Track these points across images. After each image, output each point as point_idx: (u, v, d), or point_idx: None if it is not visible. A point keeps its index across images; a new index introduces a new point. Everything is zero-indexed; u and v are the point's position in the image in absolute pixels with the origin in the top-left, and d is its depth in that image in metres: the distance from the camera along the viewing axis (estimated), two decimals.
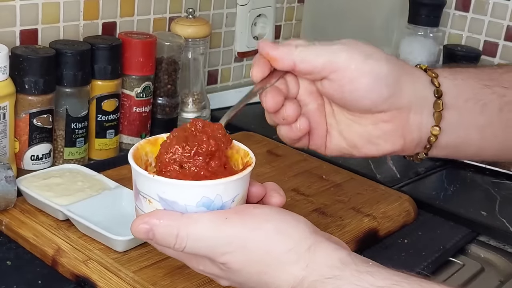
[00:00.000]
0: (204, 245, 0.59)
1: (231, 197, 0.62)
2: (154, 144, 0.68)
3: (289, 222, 0.60)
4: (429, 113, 0.69)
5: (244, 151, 0.68)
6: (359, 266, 0.57)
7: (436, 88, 0.69)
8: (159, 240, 0.60)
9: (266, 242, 0.59)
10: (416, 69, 0.71)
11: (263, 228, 0.59)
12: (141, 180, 0.62)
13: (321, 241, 0.60)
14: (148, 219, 0.60)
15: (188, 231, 0.59)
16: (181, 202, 0.60)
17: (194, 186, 0.60)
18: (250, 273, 0.60)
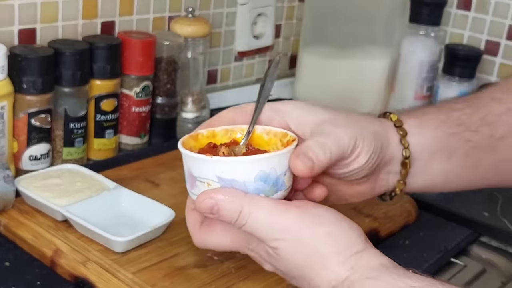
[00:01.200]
0: (262, 226, 0.62)
1: (284, 170, 0.65)
2: (195, 140, 0.72)
3: (343, 228, 0.63)
4: (397, 171, 0.73)
5: (282, 133, 0.70)
6: (399, 270, 0.60)
7: (405, 149, 0.71)
8: (222, 215, 0.63)
9: (318, 241, 0.62)
10: (387, 127, 0.72)
11: (318, 228, 0.62)
12: (197, 165, 0.66)
13: (369, 248, 0.62)
14: (214, 194, 0.63)
15: (250, 210, 0.62)
16: (240, 179, 0.64)
17: (250, 161, 0.64)
18: (296, 264, 0.62)
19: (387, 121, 0.72)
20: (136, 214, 0.84)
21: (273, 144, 0.70)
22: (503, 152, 0.74)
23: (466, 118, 0.73)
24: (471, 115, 0.73)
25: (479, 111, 0.73)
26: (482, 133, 0.73)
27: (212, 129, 0.72)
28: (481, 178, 0.77)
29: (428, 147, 0.72)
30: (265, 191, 0.65)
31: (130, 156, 1.08)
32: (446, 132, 0.72)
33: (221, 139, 0.72)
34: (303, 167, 0.63)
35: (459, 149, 0.73)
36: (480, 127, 0.73)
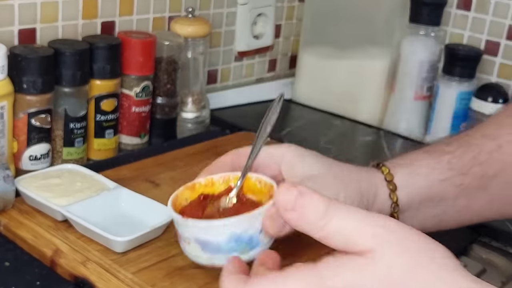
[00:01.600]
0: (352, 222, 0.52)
1: (258, 229, 0.68)
2: (192, 190, 0.76)
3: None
4: None
5: (270, 184, 0.73)
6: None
7: (393, 204, 0.72)
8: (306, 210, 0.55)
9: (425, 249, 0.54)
10: (377, 182, 0.72)
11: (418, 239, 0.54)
12: (177, 224, 0.71)
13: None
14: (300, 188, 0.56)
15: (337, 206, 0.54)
16: (213, 240, 0.68)
17: (222, 225, 0.67)
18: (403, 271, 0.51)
19: (377, 174, 0.72)
20: (136, 214, 0.84)
21: (263, 194, 0.73)
22: (495, 189, 0.74)
23: (457, 161, 0.73)
24: (462, 156, 0.73)
25: (470, 150, 0.73)
26: (474, 174, 0.73)
27: (210, 177, 0.76)
28: (476, 215, 0.76)
29: (418, 196, 0.72)
30: (238, 250, 0.68)
31: (130, 156, 1.08)
32: (437, 179, 0.72)
33: (219, 187, 0.76)
34: (273, 231, 0.64)
35: (449, 193, 0.73)
36: (472, 168, 0.73)
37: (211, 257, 0.69)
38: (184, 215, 0.71)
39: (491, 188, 0.74)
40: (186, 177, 0.99)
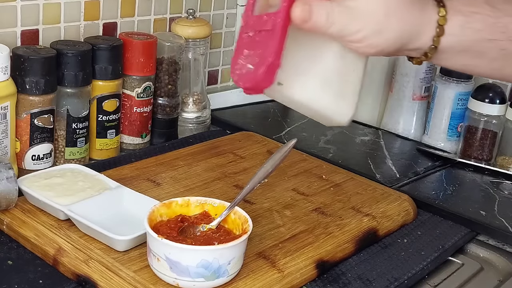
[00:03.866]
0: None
1: (228, 260, 0.72)
2: (169, 207, 0.80)
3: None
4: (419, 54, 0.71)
5: (244, 217, 0.78)
6: None
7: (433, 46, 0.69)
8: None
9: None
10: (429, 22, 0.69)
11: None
12: (151, 240, 0.73)
13: None
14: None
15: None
16: (183, 263, 0.71)
17: (194, 250, 0.71)
18: None
19: (433, 14, 0.68)
20: (137, 213, 0.85)
21: (236, 225, 0.78)
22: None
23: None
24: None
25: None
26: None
27: (187, 198, 0.81)
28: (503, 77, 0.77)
29: (460, 47, 0.70)
30: (206, 276, 0.72)
31: (131, 156, 1.09)
32: (486, 38, 0.70)
33: (193, 210, 0.81)
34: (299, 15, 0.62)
35: (490, 54, 0.71)
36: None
37: (177, 278, 0.73)
38: (159, 232, 0.74)
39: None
40: (187, 177, 1.01)
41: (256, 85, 0.63)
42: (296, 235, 0.87)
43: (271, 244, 0.84)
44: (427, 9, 0.68)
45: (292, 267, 0.80)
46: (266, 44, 0.62)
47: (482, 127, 1.23)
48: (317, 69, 0.67)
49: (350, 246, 0.88)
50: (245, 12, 0.67)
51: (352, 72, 0.69)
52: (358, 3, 0.64)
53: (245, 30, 0.66)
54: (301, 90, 0.67)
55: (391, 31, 0.66)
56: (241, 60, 0.65)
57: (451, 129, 1.30)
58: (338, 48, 0.67)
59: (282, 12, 0.61)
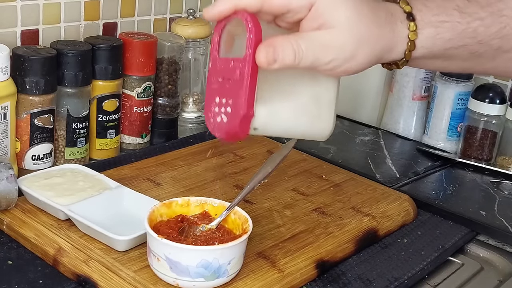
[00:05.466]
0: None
1: (228, 260, 0.72)
2: (168, 207, 0.80)
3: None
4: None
5: (245, 217, 0.78)
6: None
7: (404, 59, 0.70)
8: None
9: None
10: (400, 37, 0.69)
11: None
12: (151, 240, 0.73)
13: None
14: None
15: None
16: (183, 263, 0.71)
17: (194, 250, 0.71)
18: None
19: (402, 30, 0.69)
20: (137, 213, 0.84)
21: (237, 226, 0.78)
22: (503, 61, 0.73)
23: (483, 30, 0.71)
24: (489, 26, 0.71)
25: (498, 22, 0.71)
26: (491, 46, 0.72)
27: (187, 198, 0.81)
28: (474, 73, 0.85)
29: (431, 55, 0.71)
30: (206, 276, 0.72)
31: (131, 156, 1.09)
32: (456, 44, 0.71)
33: (194, 210, 0.81)
34: (264, 60, 0.62)
35: (461, 57, 0.72)
36: (492, 40, 0.71)
37: (177, 278, 0.73)
38: (159, 232, 0.74)
39: (499, 59, 0.73)
40: (187, 177, 1.01)
41: (233, 136, 0.64)
42: (296, 235, 0.87)
43: (271, 244, 0.84)
44: (397, 25, 0.69)
45: (292, 267, 0.80)
46: (236, 93, 0.63)
47: (482, 127, 1.23)
48: (290, 101, 0.68)
49: (350, 246, 0.88)
50: (212, 52, 0.67)
51: (326, 92, 0.71)
52: (328, 36, 0.64)
53: (214, 75, 0.66)
54: (277, 126, 0.68)
55: (363, 55, 0.66)
56: (214, 108, 0.66)
57: (451, 129, 1.30)
58: (309, 75, 0.68)
59: (248, 60, 0.62)
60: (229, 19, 0.66)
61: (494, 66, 0.74)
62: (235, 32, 0.67)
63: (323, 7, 0.64)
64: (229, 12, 0.65)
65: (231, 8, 0.65)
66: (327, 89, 0.70)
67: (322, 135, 0.72)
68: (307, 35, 0.64)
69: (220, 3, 0.65)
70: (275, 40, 0.62)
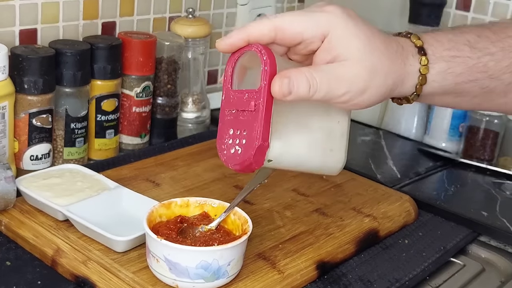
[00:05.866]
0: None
1: (228, 261, 0.72)
2: (168, 208, 0.79)
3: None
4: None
5: (244, 218, 0.77)
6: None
7: (415, 94, 0.71)
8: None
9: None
10: (411, 73, 0.70)
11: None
12: (150, 241, 0.73)
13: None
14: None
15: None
16: (182, 264, 0.71)
17: (194, 251, 0.71)
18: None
19: (414, 63, 0.69)
20: (136, 213, 0.84)
21: (237, 226, 0.78)
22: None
23: (493, 64, 0.71)
24: (500, 61, 0.72)
25: (509, 57, 0.72)
26: (502, 81, 0.72)
27: (187, 199, 0.80)
28: (484, 109, 0.84)
29: (441, 91, 0.71)
30: (205, 277, 0.71)
31: (130, 156, 1.09)
32: (467, 79, 0.71)
33: (193, 210, 0.80)
34: (279, 91, 0.62)
35: (472, 93, 0.72)
36: (503, 74, 0.72)
37: (176, 279, 0.72)
38: (159, 233, 0.74)
39: (511, 95, 0.73)
40: (186, 177, 1.00)
41: (247, 167, 0.65)
42: (296, 236, 0.87)
43: (271, 245, 0.84)
44: (408, 58, 0.69)
45: (293, 268, 0.80)
46: (251, 125, 0.63)
47: (483, 127, 1.22)
48: (304, 134, 0.69)
49: (351, 247, 0.87)
50: (224, 85, 0.68)
51: (338, 125, 0.72)
52: (341, 68, 0.65)
53: (227, 107, 0.67)
54: (291, 158, 0.69)
55: (375, 88, 0.67)
56: (227, 139, 0.66)
57: (452, 129, 1.29)
58: (321, 108, 0.69)
59: (263, 91, 0.62)
60: (242, 51, 0.66)
61: (505, 102, 0.74)
62: (247, 64, 0.68)
63: (336, 39, 0.65)
64: (242, 44, 0.66)
65: (244, 40, 0.65)
66: (340, 123, 0.72)
67: (334, 168, 0.73)
68: (320, 67, 0.65)
69: (233, 35, 0.66)
70: (290, 71, 0.63)
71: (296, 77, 0.62)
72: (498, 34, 0.72)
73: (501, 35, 0.72)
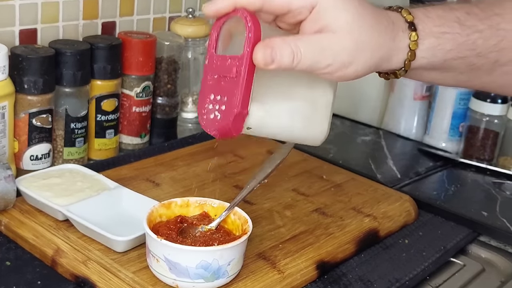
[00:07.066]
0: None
1: (228, 261, 0.72)
2: (168, 208, 0.79)
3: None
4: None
5: (244, 218, 0.77)
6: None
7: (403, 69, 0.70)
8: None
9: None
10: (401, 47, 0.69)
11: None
12: (150, 241, 0.73)
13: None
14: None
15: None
16: (182, 264, 0.71)
17: (194, 251, 0.71)
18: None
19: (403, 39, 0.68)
20: (136, 213, 0.84)
21: (237, 226, 0.78)
22: (500, 74, 0.73)
23: (482, 42, 0.71)
24: (488, 39, 0.72)
25: (496, 35, 0.72)
26: (488, 59, 0.72)
27: (187, 199, 0.80)
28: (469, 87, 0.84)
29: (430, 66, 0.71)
30: (205, 277, 0.71)
31: (130, 156, 1.08)
32: (456, 56, 0.71)
33: (193, 210, 0.80)
34: (261, 60, 0.61)
35: (458, 69, 0.72)
36: (490, 53, 0.72)
37: (176, 279, 0.72)
38: (159, 233, 0.74)
39: (496, 73, 0.73)
40: (186, 177, 1.00)
41: (225, 134, 0.64)
42: (296, 236, 0.87)
43: (271, 245, 0.84)
44: (398, 34, 0.68)
45: (293, 268, 0.80)
46: (231, 91, 0.62)
47: (483, 127, 1.22)
48: (286, 103, 0.68)
49: (351, 247, 0.87)
50: (209, 49, 0.67)
51: (322, 96, 0.70)
52: (328, 39, 0.64)
53: (210, 72, 0.66)
54: (271, 127, 0.68)
55: (362, 62, 0.66)
56: (208, 104, 0.65)
57: (452, 129, 1.29)
58: (306, 78, 0.68)
59: (245, 58, 0.61)
60: (228, 17, 0.65)
61: (490, 80, 0.74)
62: (233, 30, 0.67)
63: (324, 10, 0.64)
64: (228, 9, 0.64)
65: (230, 6, 0.64)
66: (324, 93, 0.70)
67: (316, 139, 0.72)
68: (306, 37, 0.64)
69: (220, 0, 0.65)
70: (274, 40, 0.62)
71: (280, 46, 0.61)
72: (486, 12, 0.72)
73: (489, 13, 0.72)
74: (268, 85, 0.66)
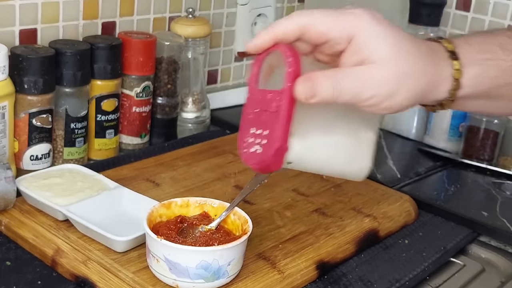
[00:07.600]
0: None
1: (228, 261, 0.72)
2: (168, 208, 0.79)
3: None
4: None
5: (244, 218, 0.77)
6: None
7: (448, 98, 0.68)
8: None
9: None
10: (445, 77, 0.68)
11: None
12: (150, 241, 0.73)
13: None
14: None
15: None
16: (183, 264, 0.71)
17: (194, 251, 0.71)
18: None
19: (447, 68, 0.67)
20: (136, 213, 0.84)
21: (237, 226, 0.78)
22: None
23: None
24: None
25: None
26: None
27: (187, 199, 0.80)
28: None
29: (475, 93, 0.69)
30: (205, 277, 0.71)
31: (130, 156, 1.08)
32: (502, 82, 0.69)
33: (193, 210, 0.80)
34: (302, 94, 0.61)
35: (507, 96, 0.70)
36: None
37: (176, 279, 0.72)
38: (159, 233, 0.74)
39: None
40: (186, 177, 1.00)
41: (265, 168, 0.64)
42: (296, 236, 0.87)
43: (271, 245, 0.84)
44: (440, 63, 0.67)
45: (293, 268, 0.80)
46: (272, 126, 0.63)
47: (483, 127, 1.22)
48: (327, 138, 0.68)
49: (351, 247, 0.87)
50: (250, 83, 0.67)
51: (365, 131, 0.70)
52: (368, 71, 0.63)
53: (251, 105, 0.66)
54: (312, 162, 0.68)
55: (405, 92, 0.65)
56: (248, 138, 0.66)
57: (452, 129, 1.29)
58: (349, 113, 0.67)
59: (286, 93, 0.61)
60: (269, 51, 0.66)
61: None
62: (274, 63, 0.67)
63: (363, 41, 0.63)
64: (269, 44, 0.65)
65: (271, 40, 0.65)
66: (367, 128, 0.70)
67: (358, 175, 0.72)
68: (346, 70, 0.64)
69: (261, 36, 0.65)
70: (314, 74, 0.62)
71: (320, 80, 0.62)
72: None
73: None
74: (310, 120, 0.66)
